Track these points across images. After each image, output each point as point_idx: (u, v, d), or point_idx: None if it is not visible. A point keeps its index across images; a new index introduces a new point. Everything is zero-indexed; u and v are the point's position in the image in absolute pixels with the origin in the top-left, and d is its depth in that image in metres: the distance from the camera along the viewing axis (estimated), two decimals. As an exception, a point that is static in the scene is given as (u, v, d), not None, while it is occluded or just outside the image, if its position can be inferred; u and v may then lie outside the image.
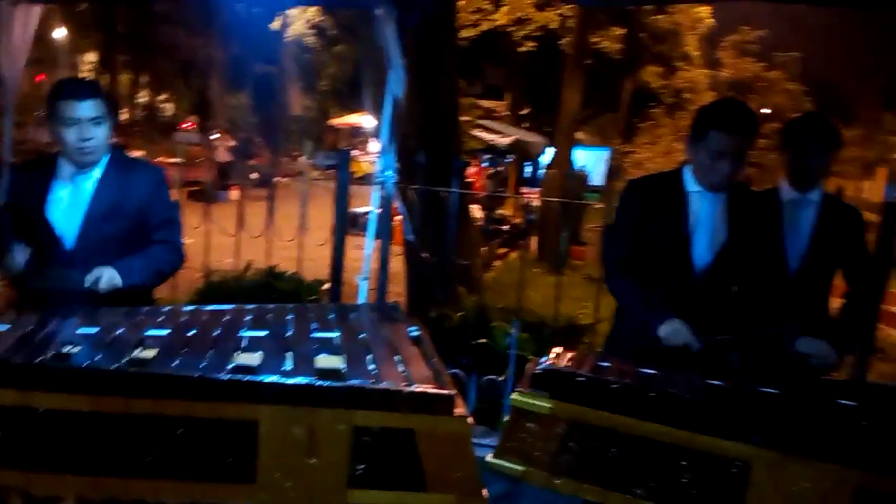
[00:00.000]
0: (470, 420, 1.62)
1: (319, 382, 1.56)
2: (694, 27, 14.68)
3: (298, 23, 15.21)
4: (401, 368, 1.71)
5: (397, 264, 5.55)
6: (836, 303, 2.63)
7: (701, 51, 15.09)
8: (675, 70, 15.13)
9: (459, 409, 1.61)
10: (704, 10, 13.97)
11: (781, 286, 2.51)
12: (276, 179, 9.74)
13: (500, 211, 14.01)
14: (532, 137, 18.15)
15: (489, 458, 1.82)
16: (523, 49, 14.94)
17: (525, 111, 21.26)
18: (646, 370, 1.90)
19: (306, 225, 4.44)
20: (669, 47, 15.14)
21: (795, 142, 2.58)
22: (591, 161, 15.61)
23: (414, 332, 1.98)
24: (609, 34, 14.85)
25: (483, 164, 17.08)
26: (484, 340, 3.71)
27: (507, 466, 1.82)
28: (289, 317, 2.05)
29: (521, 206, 13.36)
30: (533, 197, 13.73)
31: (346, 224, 3.82)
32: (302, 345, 1.82)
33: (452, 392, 1.62)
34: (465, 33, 14.91)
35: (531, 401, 1.79)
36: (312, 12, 14.39)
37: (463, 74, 17.14)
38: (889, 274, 2.91)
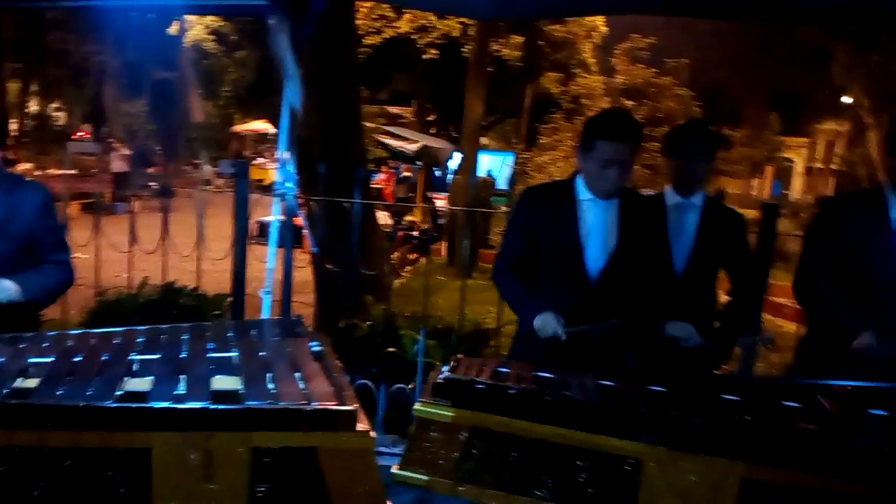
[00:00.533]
0: (372, 434, 1.62)
1: (214, 406, 1.52)
2: (588, 35, 15.18)
3: (197, 28, 14.78)
4: (301, 386, 1.69)
5: (308, 274, 5.49)
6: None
7: (596, 58, 15.63)
8: (572, 77, 15.60)
9: (362, 424, 1.60)
10: (598, 19, 14.47)
11: (668, 287, 2.63)
12: (175, 189, 9.42)
13: (409, 217, 14.06)
14: (439, 143, 18.26)
15: (394, 469, 1.82)
16: (427, 56, 15.04)
17: (431, 118, 21.38)
18: (543, 373, 1.95)
19: (204, 237, 4.31)
20: (566, 55, 15.61)
21: (678, 149, 2.71)
22: (497, 166, 15.86)
23: (315, 347, 1.96)
24: (509, 42, 15.15)
25: (393, 171, 17.08)
26: (393, 349, 3.72)
27: (412, 477, 1.82)
28: (184, 337, 1.99)
29: (430, 211, 13.45)
30: (439, 202, 13.84)
31: (247, 235, 3.75)
32: (197, 366, 1.77)
33: (354, 407, 1.61)
34: (368, 40, 14.88)
35: (433, 410, 1.81)
36: (212, 18, 14.03)
37: (369, 81, 17.11)
38: (769, 268, 3.08)
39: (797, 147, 22.06)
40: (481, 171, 13.40)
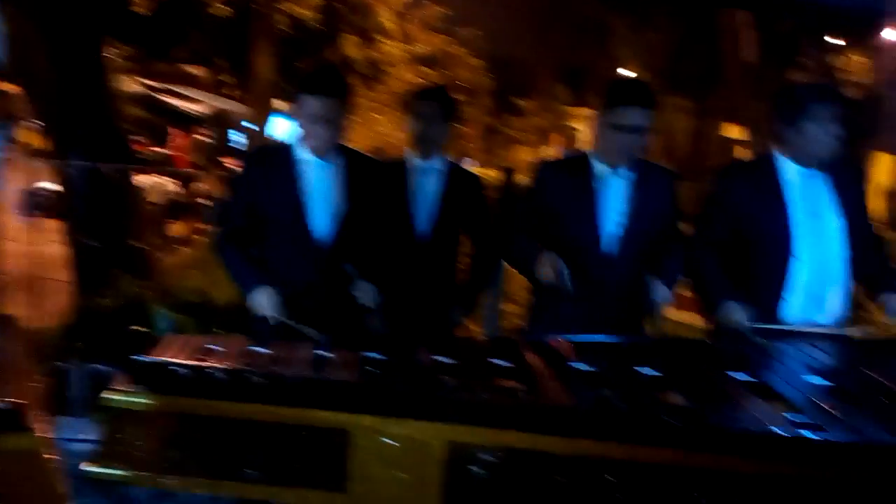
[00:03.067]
0: (46, 434, 1.43)
1: None
2: (386, 0, 15.12)
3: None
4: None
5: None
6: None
7: (396, 24, 15.60)
8: (372, 42, 15.46)
9: (33, 423, 1.41)
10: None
11: (410, 251, 2.62)
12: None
13: (200, 185, 13.25)
14: (234, 106, 17.41)
15: (84, 465, 1.63)
16: (215, 13, 14.15)
17: (226, 79, 20.30)
18: (256, 348, 1.84)
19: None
20: (365, 19, 15.42)
21: (417, 111, 2.70)
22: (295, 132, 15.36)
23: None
24: (305, 2, 14.67)
25: (187, 136, 16.01)
26: (140, 328, 3.44)
27: (107, 473, 1.64)
28: None
29: (223, 179, 12.76)
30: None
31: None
32: None
33: (21, 404, 1.41)
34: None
35: (127, 398, 1.64)
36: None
37: (164, 39, 15.82)
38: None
39: (582, 117, 23.60)
40: (278, 137, 12.93)
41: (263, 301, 2.23)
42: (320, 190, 2.34)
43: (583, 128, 24.10)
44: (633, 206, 2.45)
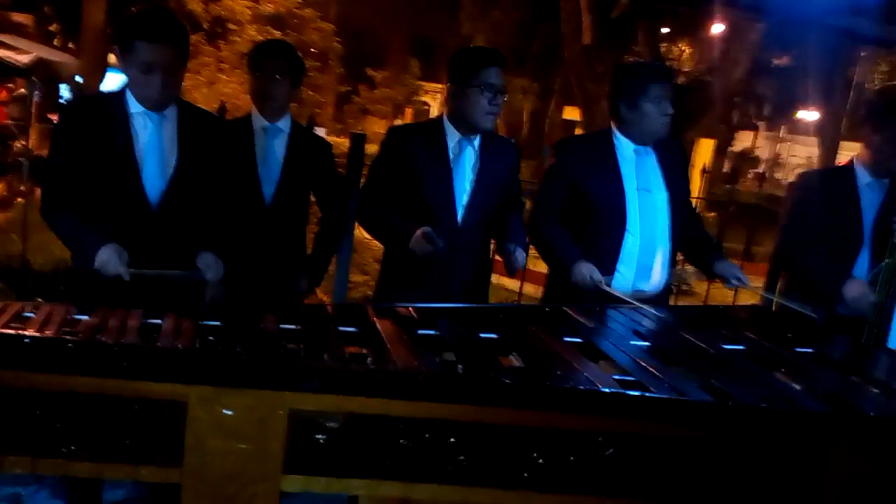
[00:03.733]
0: None
1: None
2: (232, -47, 14.39)
3: None
4: None
5: None
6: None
7: (242, -20, 14.93)
8: (218, -2, 14.70)
9: None
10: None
11: (256, 214, 2.53)
12: None
13: (20, 142, 12.06)
14: (61, 57, 15.89)
15: None
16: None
17: (53, 27, 18.51)
18: (81, 316, 1.70)
19: None
20: (210, -28, 14.63)
21: (257, 65, 2.61)
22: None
23: None
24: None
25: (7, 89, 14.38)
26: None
27: None
28: None
29: (48, 135, 11.67)
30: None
31: None
32: None
33: None
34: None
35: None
36: None
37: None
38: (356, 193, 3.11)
39: (433, 92, 23.81)
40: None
41: (113, 259, 2.03)
42: (153, 145, 2.18)
43: (434, 103, 24.41)
44: (480, 174, 2.51)
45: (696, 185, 9.55)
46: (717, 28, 7.85)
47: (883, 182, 2.71)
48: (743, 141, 25.06)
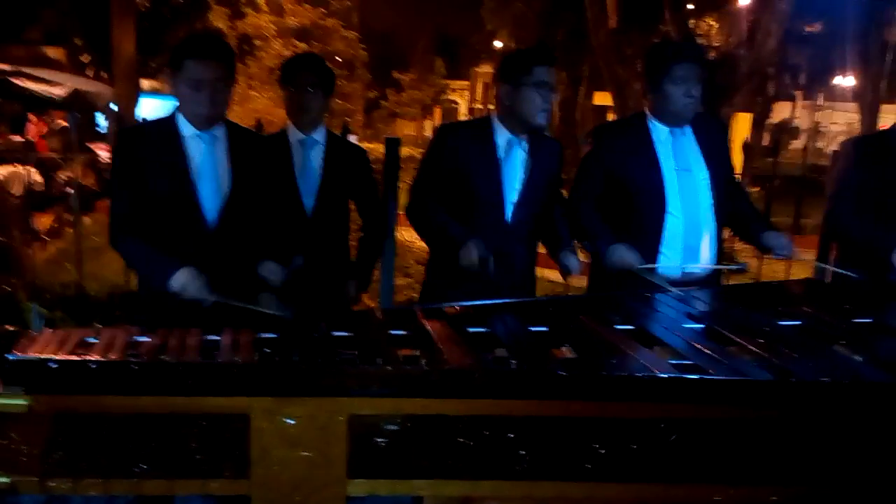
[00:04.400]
0: None
1: None
2: (255, -28, 14.60)
3: None
4: None
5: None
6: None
7: (265, -4, 15.14)
8: (242, 15, 14.89)
9: None
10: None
11: (299, 225, 2.57)
12: None
13: (66, 173, 12.39)
14: (95, 87, 16.31)
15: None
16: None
17: (85, 58, 18.98)
18: (140, 338, 1.75)
19: None
20: (233, -9, 14.89)
21: (291, 79, 2.65)
22: (165, 111, 14.62)
23: None
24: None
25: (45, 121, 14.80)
26: (12, 326, 3.20)
27: (-16, 482, 1.53)
28: None
29: (90, 164, 11.96)
30: (103, 153, 12.39)
31: None
32: None
33: None
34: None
35: (3, 401, 1.52)
36: None
37: (14, 20, 14.48)
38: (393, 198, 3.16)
39: (460, 90, 23.90)
40: (146, 117, 12.20)
41: (189, 283, 2.08)
42: (207, 166, 2.25)
43: (462, 101, 24.45)
44: (530, 172, 2.53)
45: (738, 161, 9.40)
46: (745, 0, 7.70)
47: None
48: (781, 112, 24.51)
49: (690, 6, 13.55)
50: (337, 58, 14.74)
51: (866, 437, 1.63)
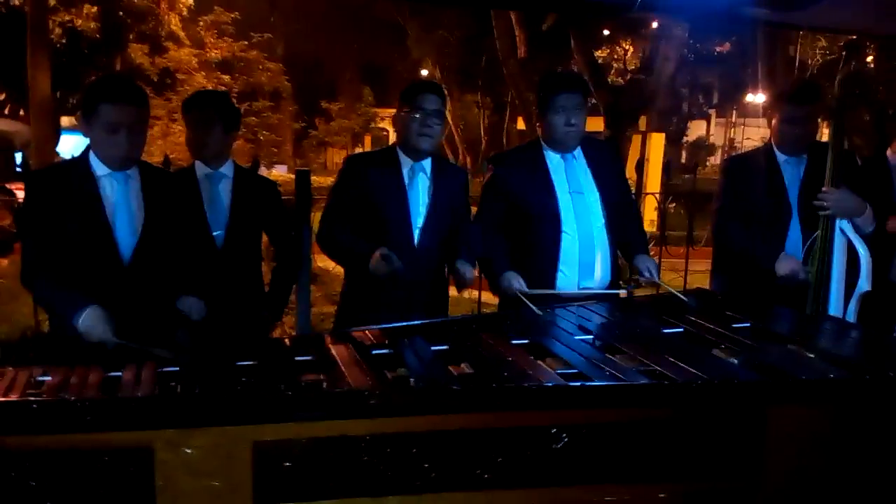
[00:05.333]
0: None
1: None
2: (173, 6, 14.44)
3: None
4: None
5: None
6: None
7: (186, 30, 14.96)
8: (163, 50, 14.72)
9: None
10: (183, -9, 13.89)
11: (209, 258, 2.60)
12: None
13: (-20, 215, 11.92)
14: (13, 126, 15.80)
15: None
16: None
17: (1, 96, 18.38)
18: (42, 377, 1.76)
19: None
20: (153, 26, 14.67)
21: (190, 119, 2.72)
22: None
23: None
24: (82, 12, 13.66)
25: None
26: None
27: None
28: None
29: (7, 206, 11.57)
30: (21, 192, 11.97)
31: None
32: None
33: None
34: None
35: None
36: None
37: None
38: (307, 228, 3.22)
39: (389, 117, 24.02)
40: (69, 155, 11.90)
41: (93, 325, 2.06)
42: (121, 204, 2.28)
43: (391, 129, 24.64)
44: (434, 197, 2.64)
45: (657, 180, 9.78)
46: (646, 27, 8.10)
47: (801, 158, 2.85)
48: (697, 130, 25.55)
49: (605, 31, 14.10)
50: (263, 89, 14.72)
51: (743, 434, 1.76)
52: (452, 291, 2.83)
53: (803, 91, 2.81)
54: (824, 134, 3.28)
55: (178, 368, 1.82)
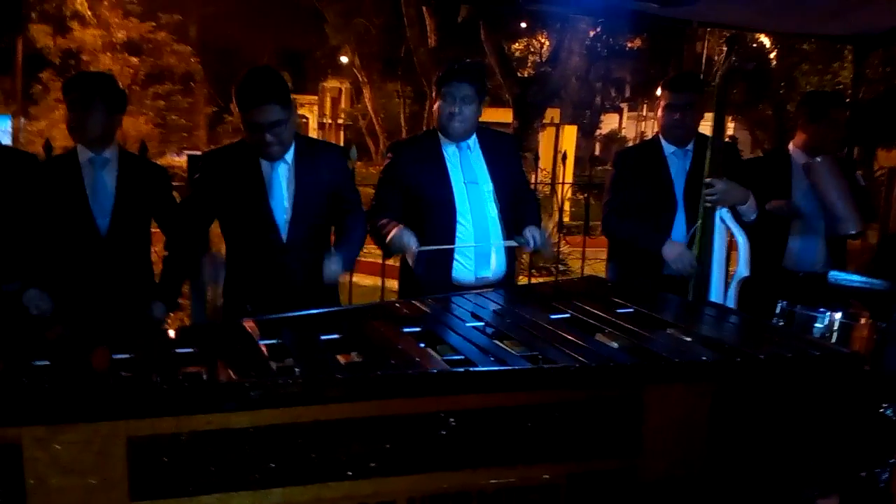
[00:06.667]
0: None
1: None
2: (78, -15, 13.78)
3: None
4: None
5: None
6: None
7: (92, 10, 14.27)
8: (68, 30, 13.99)
9: None
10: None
11: (92, 246, 2.51)
12: None
13: None
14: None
15: None
16: None
17: None
18: None
19: None
20: (56, 5, 13.93)
21: (69, 100, 2.61)
22: (-3, 132, 13.42)
23: None
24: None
25: None
26: None
27: None
28: None
29: None
30: None
31: None
32: None
33: None
34: None
35: None
36: None
37: None
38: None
39: (309, 104, 23.64)
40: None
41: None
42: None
43: (311, 115, 24.22)
44: (298, 189, 2.55)
45: (570, 171, 10.00)
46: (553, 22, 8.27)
47: (687, 150, 2.97)
48: (610, 123, 26.21)
49: (524, 25, 14.26)
50: (172, 72, 14.20)
51: (621, 415, 1.83)
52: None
53: (681, 79, 2.97)
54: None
55: (47, 363, 1.74)
